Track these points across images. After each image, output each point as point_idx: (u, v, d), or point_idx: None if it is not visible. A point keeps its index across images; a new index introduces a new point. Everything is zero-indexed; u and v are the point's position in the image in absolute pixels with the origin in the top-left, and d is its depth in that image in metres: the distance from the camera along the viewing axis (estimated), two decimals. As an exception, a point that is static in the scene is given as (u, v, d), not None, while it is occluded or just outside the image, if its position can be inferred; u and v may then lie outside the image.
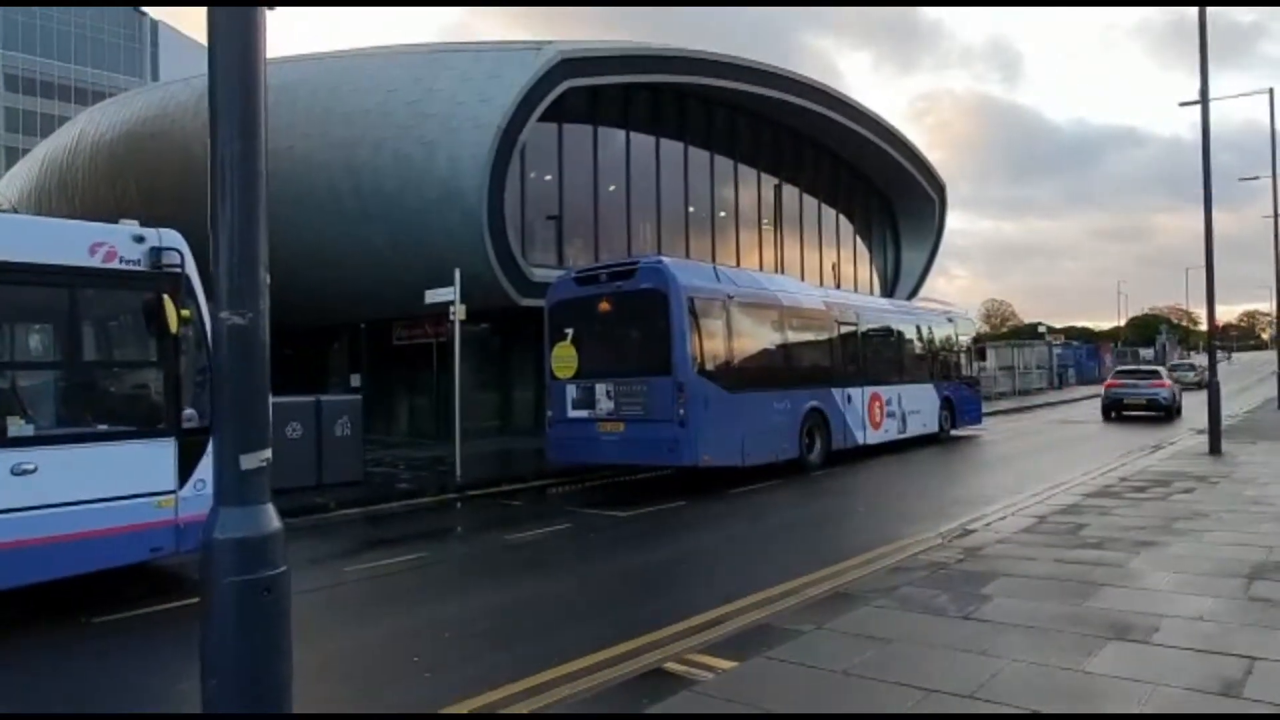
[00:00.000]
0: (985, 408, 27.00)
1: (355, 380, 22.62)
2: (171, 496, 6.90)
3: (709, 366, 12.27)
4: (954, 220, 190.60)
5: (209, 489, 7.12)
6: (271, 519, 2.57)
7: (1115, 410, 24.63)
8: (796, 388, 14.04)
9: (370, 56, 18.86)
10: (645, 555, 8.12)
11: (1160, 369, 28.66)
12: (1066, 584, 6.05)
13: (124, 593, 6.84)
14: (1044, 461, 15.08)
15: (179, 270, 6.95)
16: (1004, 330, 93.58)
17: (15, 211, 28.20)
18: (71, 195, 28.50)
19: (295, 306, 21.80)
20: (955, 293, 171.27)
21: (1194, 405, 22.69)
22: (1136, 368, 29.19)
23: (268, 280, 2.48)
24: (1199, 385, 42.42)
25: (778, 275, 17.13)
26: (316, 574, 7.71)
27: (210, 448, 7.09)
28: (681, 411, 11.72)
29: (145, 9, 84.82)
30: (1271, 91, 24.48)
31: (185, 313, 6.91)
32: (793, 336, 14.39)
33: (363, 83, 17.96)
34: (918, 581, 6.29)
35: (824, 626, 5.20)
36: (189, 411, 7.13)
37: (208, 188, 2.38)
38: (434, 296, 14.11)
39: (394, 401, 21.76)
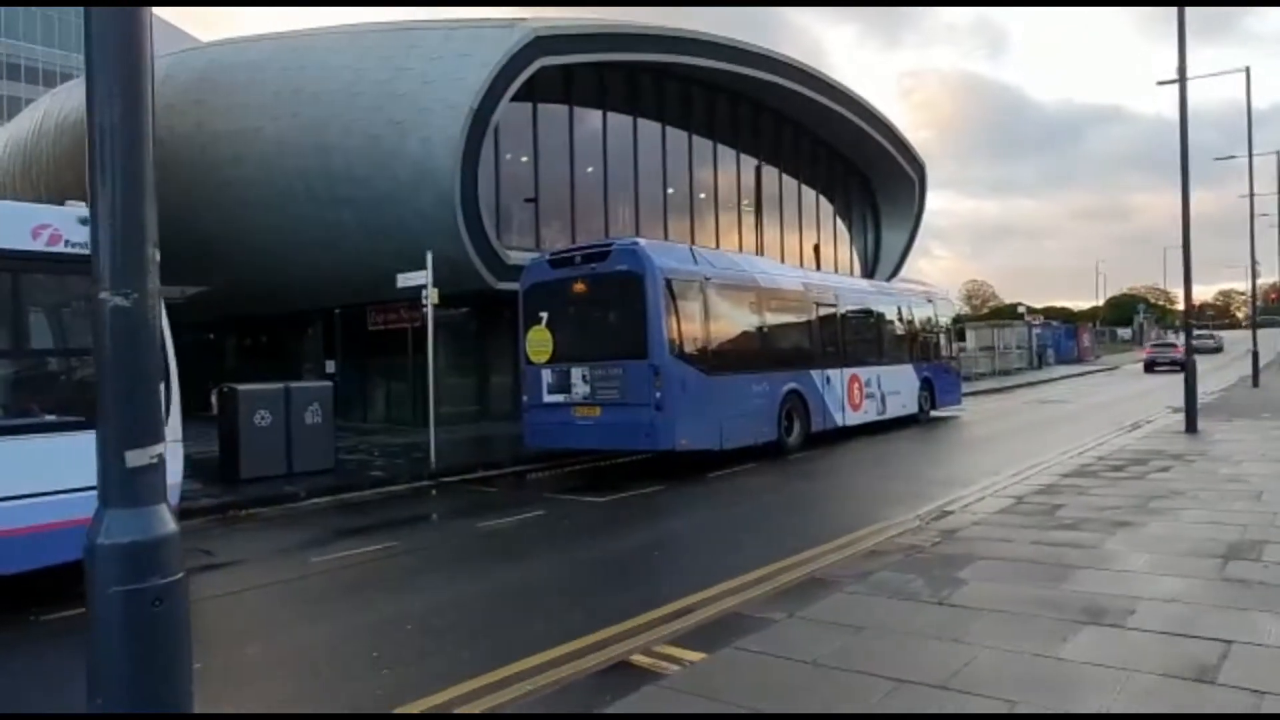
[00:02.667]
0: (965, 388, 27.04)
1: (330, 367, 22.29)
2: (126, 488, 6.66)
3: (686, 349, 12.12)
4: (936, 200, 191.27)
5: (178, 478, 7.00)
6: (165, 522, 2.35)
7: (1151, 368, 38.25)
8: (775, 370, 13.92)
9: (339, 34, 18.41)
10: (619, 542, 7.98)
11: (1177, 341, 39.48)
12: (1042, 566, 5.96)
13: (74, 588, 6.59)
14: (1022, 442, 15.07)
15: (129, 254, 6.68)
16: (985, 311, 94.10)
17: None
18: (35, 178, 27.85)
19: (268, 292, 21.51)
20: (938, 273, 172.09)
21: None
22: (1164, 342, 44.96)
23: (157, 258, 2.27)
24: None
25: (755, 257, 16.98)
26: (282, 566, 7.53)
27: (166, 438, 6.94)
28: (658, 395, 11.57)
29: None
30: (1248, 70, 24.54)
31: (136, 298, 6.65)
32: (771, 318, 14.25)
33: (331, 61, 17.54)
34: (893, 566, 6.18)
35: (795, 615, 5.08)
36: (144, 400, 6.89)
37: (85, 154, 2.16)
38: (406, 280, 13.85)
39: (370, 388, 21.48)
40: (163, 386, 6.71)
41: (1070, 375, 37.67)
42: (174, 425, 6.98)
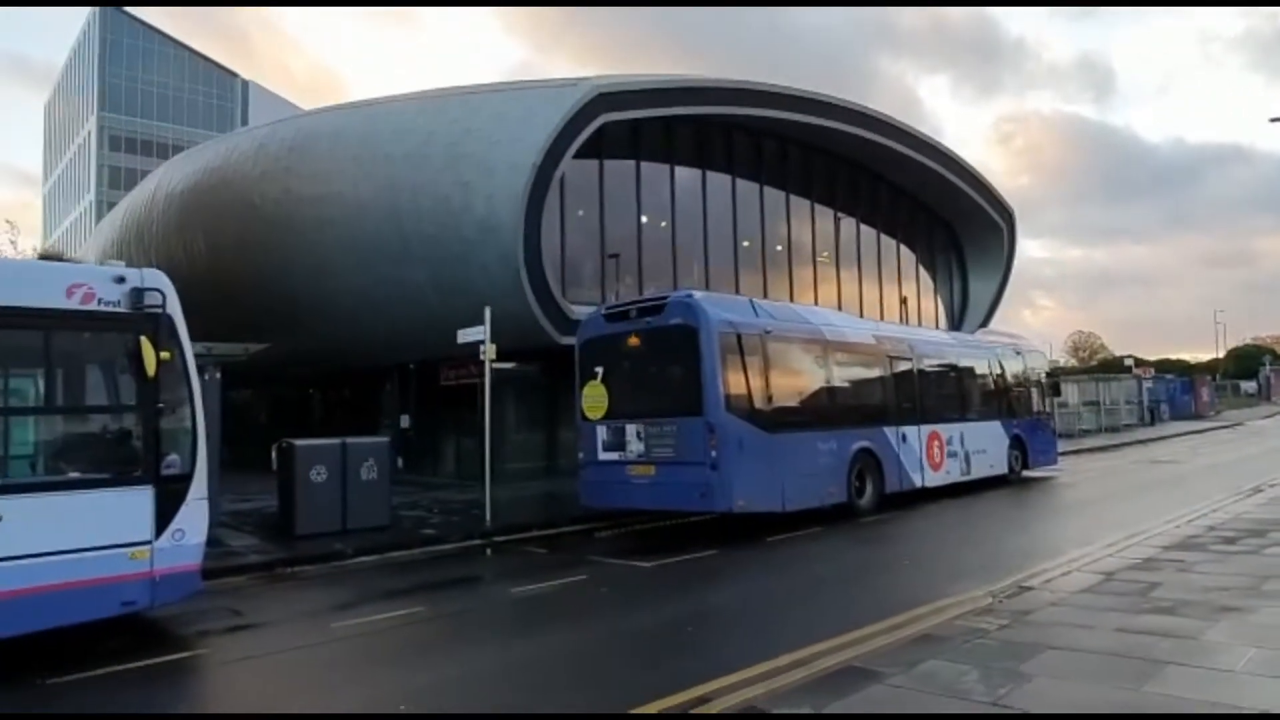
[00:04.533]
0: (1066, 446, 25.39)
1: (405, 421, 22.60)
2: (147, 548, 6.59)
3: (744, 406, 11.56)
4: (1040, 249, 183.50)
5: (188, 539, 6.90)
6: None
7: None
8: (844, 427, 13.17)
9: (412, 100, 19.03)
10: (654, 614, 7.43)
11: None
12: (1125, 661, 5.13)
13: (95, 649, 6.52)
14: (1123, 507, 13.74)
15: (159, 310, 6.73)
16: (1093, 363, 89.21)
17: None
18: (148, 247, 29.67)
19: (348, 349, 22.06)
20: (1041, 325, 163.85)
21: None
22: None
23: None
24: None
25: (823, 309, 16.31)
26: (303, 630, 7.30)
27: (190, 496, 6.85)
28: (713, 454, 11.03)
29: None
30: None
31: (165, 354, 6.67)
32: (839, 373, 13.55)
33: (404, 126, 18.08)
34: (948, 653, 5.46)
35: (822, 711, 4.46)
36: (172, 458, 6.86)
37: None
38: (466, 336, 13.85)
39: (440, 442, 21.58)
40: (190, 445, 6.66)
41: (1185, 433, 34.86)
42: (199, 483, 6.92)
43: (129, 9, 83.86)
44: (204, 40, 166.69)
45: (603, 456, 12.36)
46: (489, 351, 13.25)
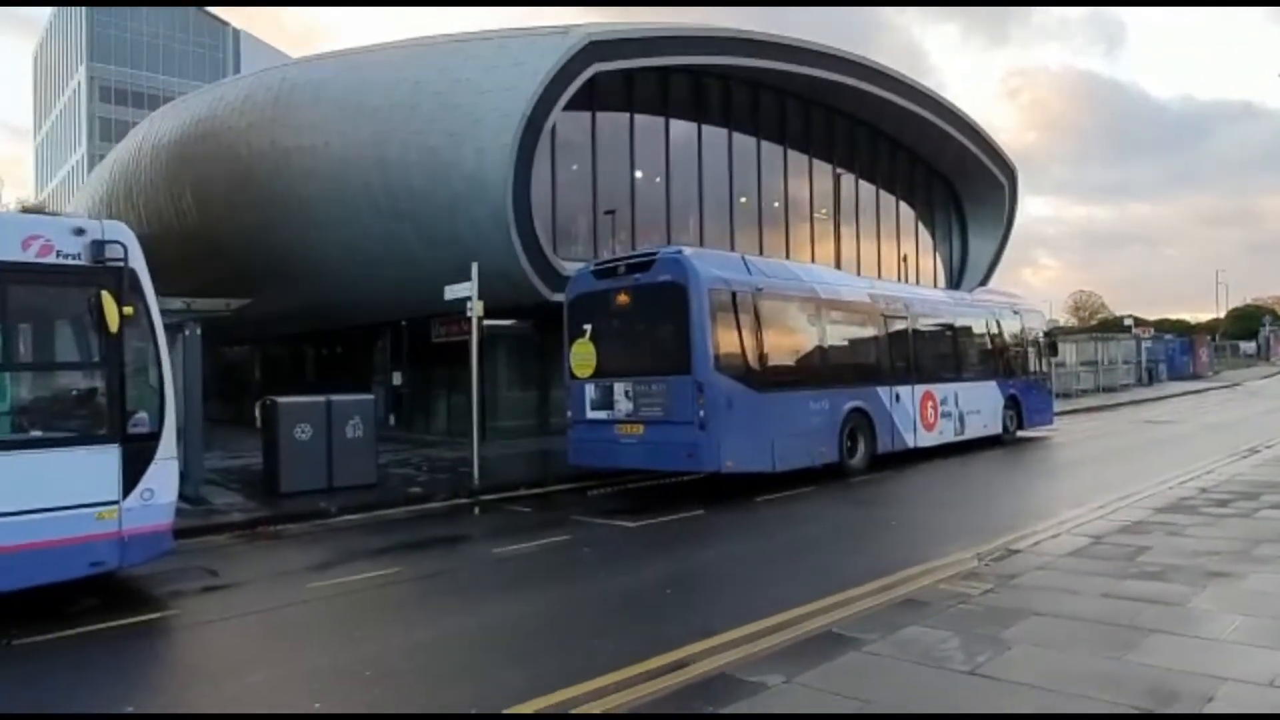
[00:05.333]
0: (1064, 406, 25.31)
1: (397, 378, 22.46)
2: (114, 507, 6.44)
3: (733, 364, 11.37)
4: (1043, 207, 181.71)
5: (157, 499, 6.73)
6: None
7: None
8: (836, 386, 13.00)
9: (400, 49, 18.50)
10: (634, 575, 7.32)
11: None
12: (1108, 628, 5.01)
13: (67, 608, 6.41)
14: (1117, 468, 13.64)
15: (121, 264, 6.48)
16: (1093, 323, 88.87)
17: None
18: (136, 201, 29.20)
19: (338, 305, 21.78)
20: (1042, 284, 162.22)
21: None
22: None
23: None
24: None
25: (816, 266, 16.03)
26: (276, 591, 7.19)
27: (158, 455, 6.68)
28: (701, 413, 10.87)
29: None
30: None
31: (128, 310, 6.44)
32: (832, 331, 13.34)
33: (391, 76, 17.59)
34: (929, 618, 5.34)
35: (794, 680, 4.33)
36: (139, 416, 6.68)
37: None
38: (453, 293, 13.59)
39: (433, 400, 21.44)
40: (158, 403, 6.47)
41: (1183, 393, 34.75)
42: (167, 442, 6.75)
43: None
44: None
45: (591, 415, 12.21)
46: (476, 308, 13.01)
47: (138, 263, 6.62)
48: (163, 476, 6.72)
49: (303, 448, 11.82)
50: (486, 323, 18.87)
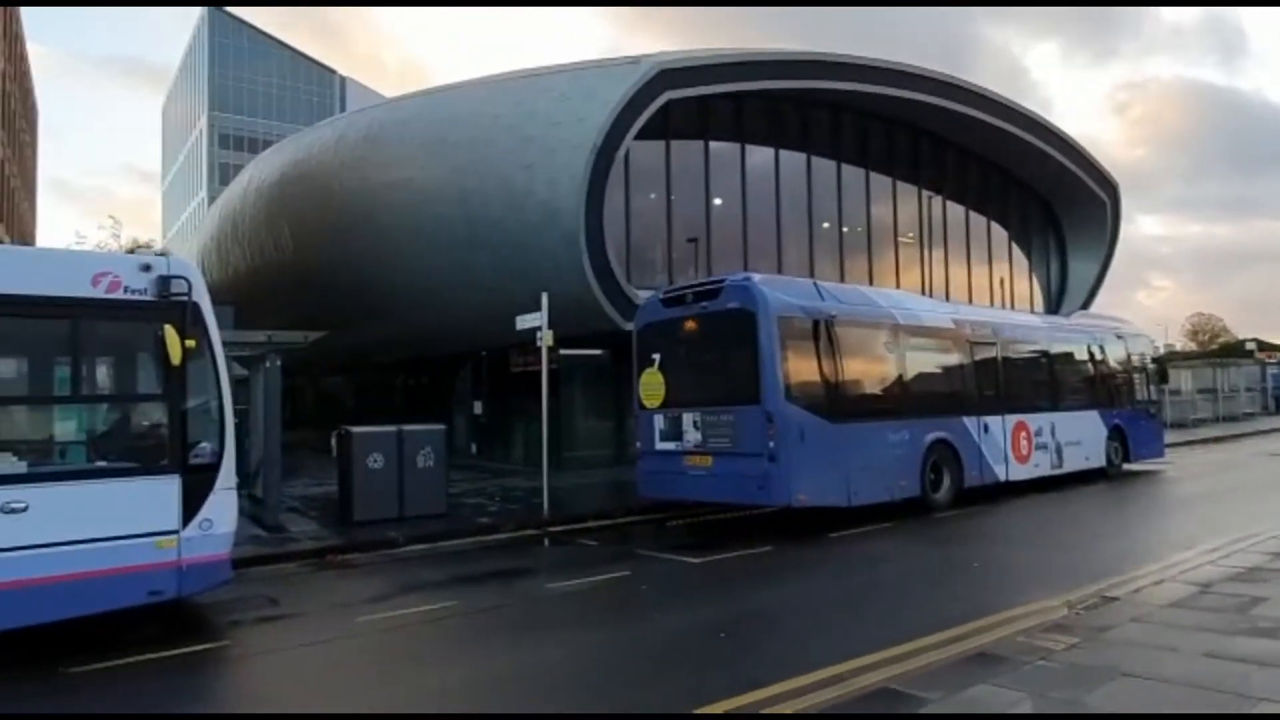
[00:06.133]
0: (1177, 437, 23.63)
1: (478, 408, 22.75)
2: (174, 537, 6.56)
3: (805, 394, 10.94)
4: (1156, 225, 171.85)
5: (216, 529, 6.83)
6: None
7: None
8: (918, 417, 12.36)
9: (478, 85, 18.93)
10: (686, 616, 6.98)
11: None
12: (1209, 695, 4.41)
13: (124, 637, 6.53)
14: (1234, 506, 12.46)
15: (185, 298, 6.66)
16: (1213, 348, 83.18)
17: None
18: (241, 238, 30.83)
19: (422, 336, 22.31)
20: (1157, 307, 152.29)
21: None
22: None
23: None
24: None
25: (895, 291, 15.39)
26: (326, 624, 7.17)
27: (218, 485, 6.78)
28: (771, 444, 10.47)
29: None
30: None
31: (190, 342, 6.60)
32: (912, 359, 12.71)
33: (471, 111, 18.01)
34: (1001, 675, 4.84)
35: (839, 743, 3.94)
36: (200, 447, 6.81)
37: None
38: (524, 322, 13.68)
39: (511, 429, 21.59)
40: (218, 434, 6.58)
41: (1317, 423, 31.91)
42: (227, 473, 6.85)
43: (233, 10, 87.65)
44: (303, 37, 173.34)
45: (660, 446, 11.97)
46: (546, 338, 13.03)
47: (201, 297, 6.79)
48: (221, 507, 6.82)
49: (375, 477, 11.98)
50: (563, 352, 19.05)
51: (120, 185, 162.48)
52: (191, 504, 6.64)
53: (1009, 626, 6.23)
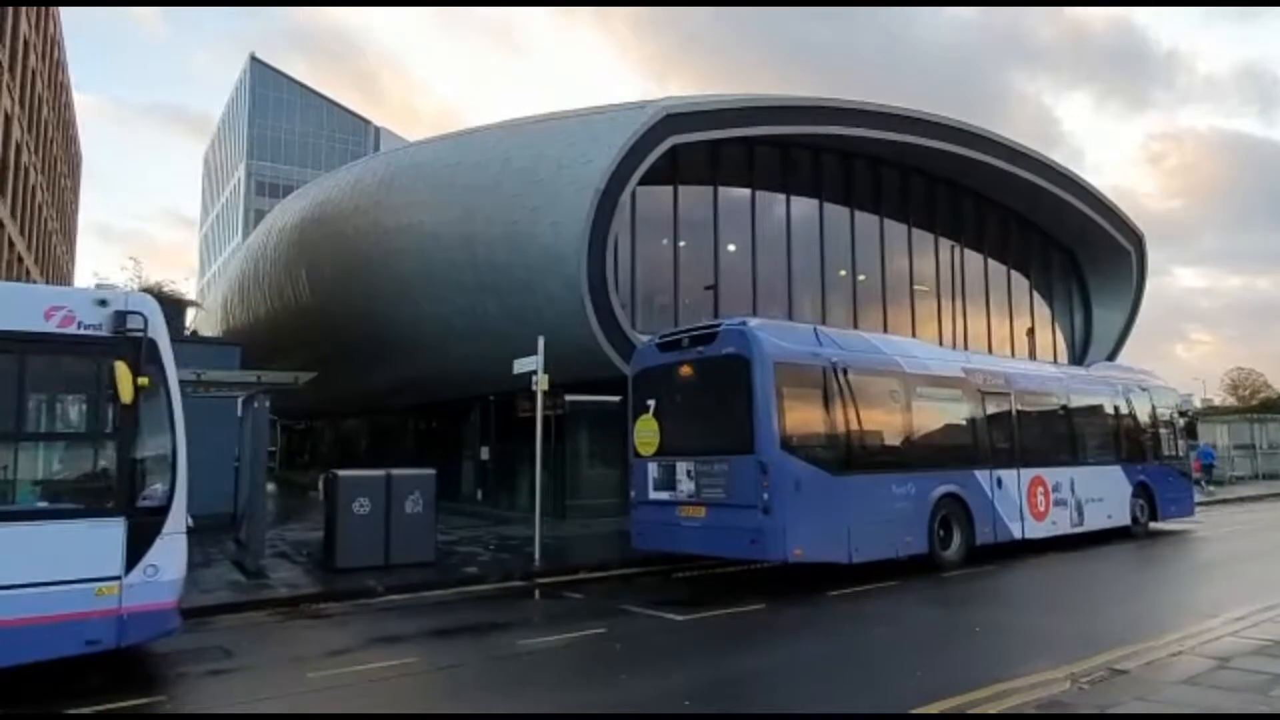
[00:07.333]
0: (1215, 495, 22.60)
1: (484, 453, 22.45)
2: (115, 583, 6.26)
3: (803, 443, 10.50)
4: (1195, 278, 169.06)
5: (162, 575, 6.49)
6: None
7: None
8: (925, 469, 11.82)
9: (493, 129, 19.02)
10: (656, 682, 6.49)
11: None
12: (1212, 793, 3.88)
13: (67, 687, 6.21)
14: (1267, 570, 11.72)
15: (140, 334, 6.46)
16: (1254, 403, 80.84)
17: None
18: (262, 281, 31.16)
19: (431, 379, 22.16)
20: (1196, 360, 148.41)
21: None
22: None
23: None
24: None
25: (901, 338, 14.90)
26: (274, 679, 6.79)
27: (166, 529, 6.48)
28: (765, 496, 10.01)
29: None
30: None
31: (143, 380, 6.38)
32: (919, 409, 12.22)
33: (482, 155, 18.05)
34: (978, 762, 4.33)
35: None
36: (154, 488, 6.55)
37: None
38: (521, 366, 13.43)
39: (516, 475, 21.21)
40: (169, 476, 6.30)
41: (1363, 483, 30.52)
42: (176, 517, 6.58)
43: (273, 63, 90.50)
44: (339, 87, 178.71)
45: (653, 495, 11.55)
46: (541, 381, 12.75)
47: (158, 333, 6.59)
48: (169, 552, 6.52)
49: (361, 522, 11.64)
50: (572, 398, 18.75)
51: (161, 230, 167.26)
52: (136, 549, 6.34)
53: (999, 701, 5.69)
